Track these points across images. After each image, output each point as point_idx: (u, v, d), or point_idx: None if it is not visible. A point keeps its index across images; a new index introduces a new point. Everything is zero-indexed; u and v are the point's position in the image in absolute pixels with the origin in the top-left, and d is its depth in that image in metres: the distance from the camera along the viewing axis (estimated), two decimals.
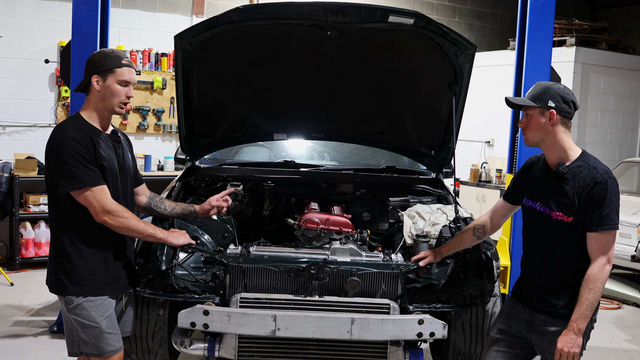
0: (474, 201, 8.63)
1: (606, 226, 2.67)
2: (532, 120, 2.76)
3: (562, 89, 2.76)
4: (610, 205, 2.66)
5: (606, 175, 2.69)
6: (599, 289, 2.66)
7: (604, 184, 2.66)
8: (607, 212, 2.66)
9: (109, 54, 2.90)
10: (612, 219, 2.67)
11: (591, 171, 2.70)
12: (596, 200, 2.66)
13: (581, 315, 2.66)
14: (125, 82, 2.87)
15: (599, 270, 2.67)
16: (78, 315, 2.82)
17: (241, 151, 5.13)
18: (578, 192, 2.70)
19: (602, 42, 8.86)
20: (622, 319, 5.98)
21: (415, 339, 3.18)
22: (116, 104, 2.87)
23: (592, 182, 2.67)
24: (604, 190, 2.65)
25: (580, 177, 2.70)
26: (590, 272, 2.67)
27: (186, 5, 8.09)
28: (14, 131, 7.12)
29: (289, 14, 3.41)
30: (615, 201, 2.68)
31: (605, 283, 2.69)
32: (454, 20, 10.21)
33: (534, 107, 2.75)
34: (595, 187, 2.66)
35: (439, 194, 4.28)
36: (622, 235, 6.45)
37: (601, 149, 9.04)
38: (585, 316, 2.67)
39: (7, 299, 5.72)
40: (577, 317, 2.67)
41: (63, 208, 2.82)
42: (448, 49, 3.61)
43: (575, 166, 2.74)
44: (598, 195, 2.65)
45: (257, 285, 3.35)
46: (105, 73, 2.84)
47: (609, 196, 2.66)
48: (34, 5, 7.14)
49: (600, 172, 2.69)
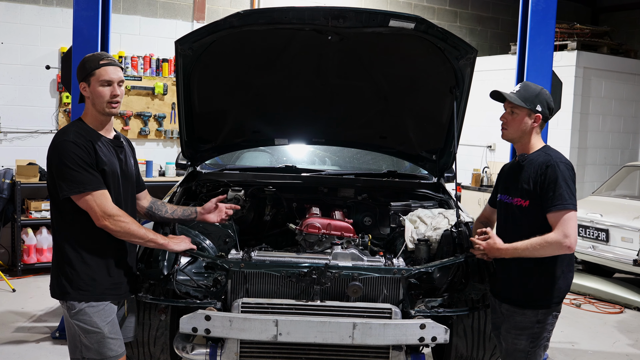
0: (475, 205, 8.61)
1: (559, 205, 2.79)
2: (516, 119, 2.96)
3: (549, 96, 2.99)
4: (562, 186, 2.80)
5: (558, 159, 2.87)
6: (540, 250, 2.79)
7: (555, 167, 2.83)
8: (559, 192, 2.80)
9: (89, 57, 2.86)
10: (564, 198, 2.79)
11: (546, 157, 2.90)
12: (549, 182, 2.82)
13: (511, 247, 2.85)
14: (106, 81, 2.80)
15: (553, 239, 2.77)
16: (80, 321, 2.81)
17: (242, 156, 5.14)
18: (533, 176, 2.88)
19: (604, 46, 8.87)
20: (624, 323, 5.97)
21: (417, 343, 3.17)
22: (105, 105, 2.82)
23: (544, 166, 2.86)
24: (555, 172, 2.82)
25: (536, 163, 2.90)
26: (548, 235, 2.79)
27: (187, 10, 8.10)
28: (16, 137, 7.13)
29: (289, 19, 3.42)
30: (568, 183, 2.82)
31: (548, 253, 2.81)
32: (455, 25, 10.22)
33: (523, 108, 2.94)
34: (548, 170, 2.83)
35: (440, 199, 4.28)
36: (624, 239, 6.44)
37: (602, 153, 9.03)
38: (512, 250, 2.85)
39: (9, 305, 5.72)
40: (508, 245, 2.87)
41: (64, 213, 2.82)
42: (449, 54, 3.62)
43: (534, 156, 2.95)
44: (550, 177, 2.82)
45: (258, 290, 3.35)
46: (87, 78, 2.82)
47: (561, 178, 2.81)
48: (35, 11, 7.16)
49: (554, 158, 2.88)
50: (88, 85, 2.83)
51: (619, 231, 6.49)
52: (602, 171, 8.93)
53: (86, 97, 2.87)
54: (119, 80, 2.84)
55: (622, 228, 6.46)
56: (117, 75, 2.83)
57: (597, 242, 6.69)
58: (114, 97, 2.82)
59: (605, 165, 9.05)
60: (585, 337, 5.47)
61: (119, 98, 2.85)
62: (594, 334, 5.60)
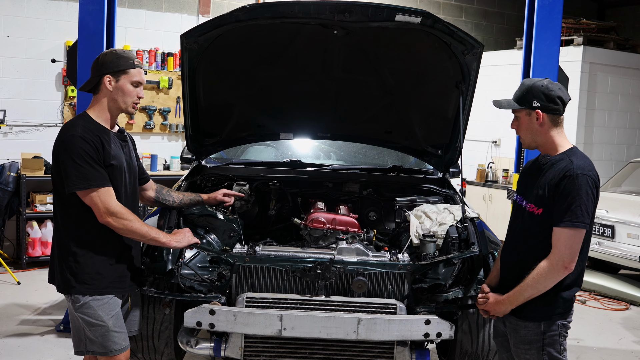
0: (480, 201, 8.60)
1: (568, 222, 2.52)
2: (521, 122, 2.72)
3: (546, 85, 2.66)
4: (577, 201, 2.51)
5: (580, 170, 2.55)
6: (540, 285, 2.57)
7: (573, 178, 2.53)
8: (573, 207, 2.51)
9: (122, 54, 2.91)
10: (576, 215, 2.51)
11: (567, 164, 2.59)
12: (563, 193, 2.54)
13: (513, 294, 2.63)
14: (137, 82, 2.90)
15: (547, 267, 2.54)
16: (85, 314, 2.82)
17: (247, 150, 5.13)
18: (549, 183, 2.60)
19: (610, 41, 8.81)
20: (630, 320, 5.95)
21: (422, 339, 3.17)
22: (129, 104, 2.91)
23: (562, 174, 2.56)
24: (572, 184, 2.52)
25: (556, 169, 2.61)
26: (540, 265, 2.56)
27: (192, 4, 8.09)
28: (21, 131, 7.14)
29: (295, 13, 3.41)
30: (584, 198, 2.52)
31: (549, 285, 2.57)
32: (460, 20, 10.18)
33: (520, 109, 2.70)
34: (565, 180, 2.54)
35: (445, 194, 4.27)
36: (630, 235, 6.42)
37: (609, 149, 8.99)
38: (514, 299, 2.63)
39: (14, 297, 5.74)
40: (510, 294, 2.65)
41: (70, 207, 2.83)
42: (455, 48, 3.60)
43: (557, 159, 2.66)
44: (565, 189, 2.53)
45: (263, 284, 3.35)
46: (118, 73, 2.85)
47: (577, 191, 2.51)
48: (41, 5, 7.16)
49: (575, 167, 2.56)
50: (116, 80, 2.85)
51: (624, 227, 6.47)
52: (608, 167, 8.89)
53: (104, 90, 2.87)
54: (144, 83, 2.98)
55: (628, 224, 6.44)
56: (144, 79, 2.97)
57: (603, 238, 6.66)
58: (138, 99, 2.94)
59: (611, 161, 9.01)
60: (591, 333, 5.46)
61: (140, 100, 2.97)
62: (599, 331, 5.58)
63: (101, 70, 2.86)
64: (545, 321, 2.67)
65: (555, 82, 2.70)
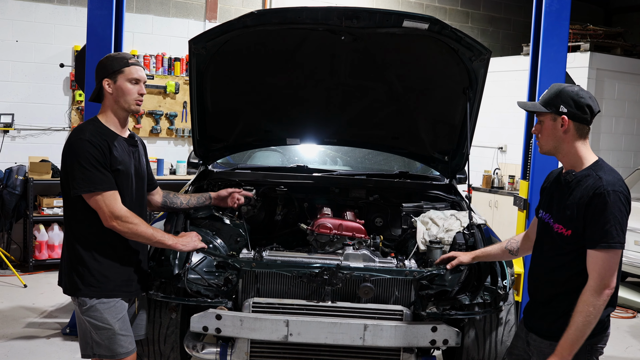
0: (486, 207, 8.57)
1: (604, 244, 2.37)
2: (544, 127, 2.55)
3: (576, 91, 2.50)
4: (611, 220, 2.37)
5: (610, 187, 2.39)
6: (591, 315, 2.38)
7: (604, 196, 2.38)
8: (607, 228, 2.37)
9: (115, 56, 2.93)
10: (612, 236, 2.37)
11: (596, 181, 2.43)
12: (595, 213, 2.39)
13: (568, 339, 2.40)
14: (135, 79, 2.89)
15: (590, 295, 2.39)
16: (91, 317, 2.83)
17: (254, 156, 5.14)
18: (578, 203, 2.44)
19: (617, 47, 8.80)
20: (637, 328, 5.92)
21: (429, 346, 3.16)
22: (132, 103, 2.90)
23: (592, 193, 2.40)
24: (604, 202, 2.37)
25: (584, 187, 2.45)
26: (582, 296, 2.40)
27: (199, 10, 8.12)
28: (29, 134, 7.17)
29: (303, 19, 3.42)
30: (618, 216, 2.38)
31: (600, 310, 2.40)
32: (466, 26, 10.18)
33: (545, 113, 2.53)
34: (595, 199, 2.39)
35: (452, 200, 4.26)
36: (637, 243, 6.39)
37: (616, 156, 8.95)
38: (573, 342, 2.40)
39: (21, 300, 5.76)
40: (564, 341, 2.41)
41: (77, 210, 2.84)
42: (463, 54, 3.60)
43: (583, 175, 2.49)
44: (597, 208, 2.38)
45: (269, 290, 3.35)
46: (114, 75, 2.87)
47: (610, 210, 2.37)
48: (50, 10, 7.20)
49: (605, 183, 2.40)
50: (114, 82, 2.86)
51: (632, 235, 6.43)
52: None
53: (106, 95, 2.89)
54: (144, 80, 2.95)
55: (635, 232, 6.40)
56: (143, 75, 2.95)
57: None
58: (140, 96, 2.92)
59: (618, 168, 8.89)
60: None
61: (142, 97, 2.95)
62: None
63: (100, 75, 2.89)
64: None
65: (586, 90, 2.55)
